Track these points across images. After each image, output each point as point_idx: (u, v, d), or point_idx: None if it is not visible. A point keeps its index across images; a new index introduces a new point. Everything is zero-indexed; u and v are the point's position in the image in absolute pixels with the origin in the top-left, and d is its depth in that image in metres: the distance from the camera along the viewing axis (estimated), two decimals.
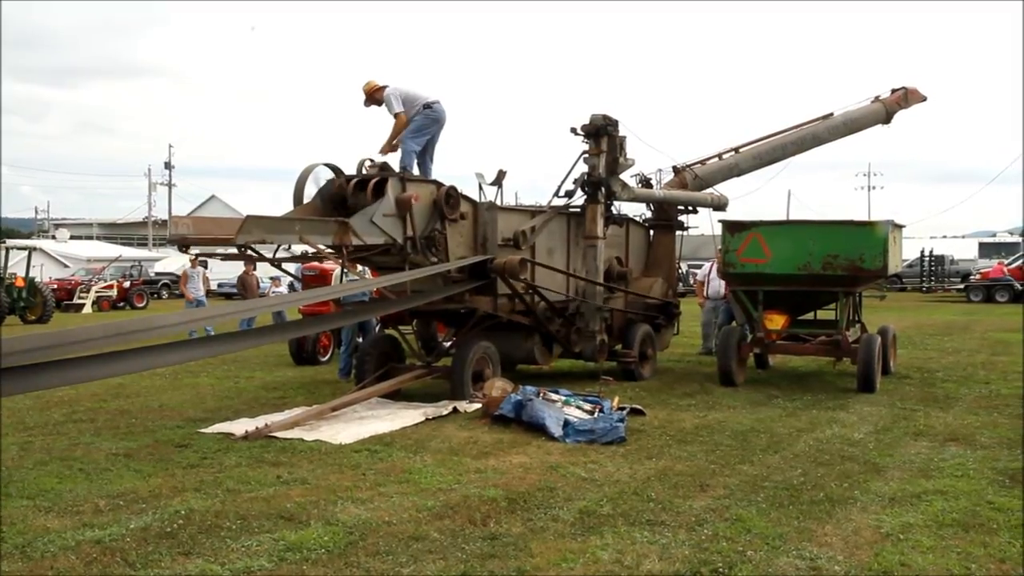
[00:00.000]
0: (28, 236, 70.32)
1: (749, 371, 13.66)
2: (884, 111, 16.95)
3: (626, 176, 13.50)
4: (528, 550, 5.62)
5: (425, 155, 11.59)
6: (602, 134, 12.86)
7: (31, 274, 30.73)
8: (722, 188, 15.87)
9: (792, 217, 41.75)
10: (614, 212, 13.64)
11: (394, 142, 11.37)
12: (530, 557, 5.50)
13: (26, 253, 32.83)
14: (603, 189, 12.94)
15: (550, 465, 7.85)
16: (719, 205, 15.67)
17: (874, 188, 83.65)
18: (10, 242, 40.15)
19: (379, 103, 11.51)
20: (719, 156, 15.77)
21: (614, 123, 13.00)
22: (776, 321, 12.98)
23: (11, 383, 6.14)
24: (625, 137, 13.19)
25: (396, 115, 11.29)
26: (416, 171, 11.34)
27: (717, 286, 16.54)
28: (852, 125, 16.64)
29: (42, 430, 9.61)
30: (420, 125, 11.32)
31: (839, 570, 5.32)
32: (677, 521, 6.24)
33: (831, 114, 16.46)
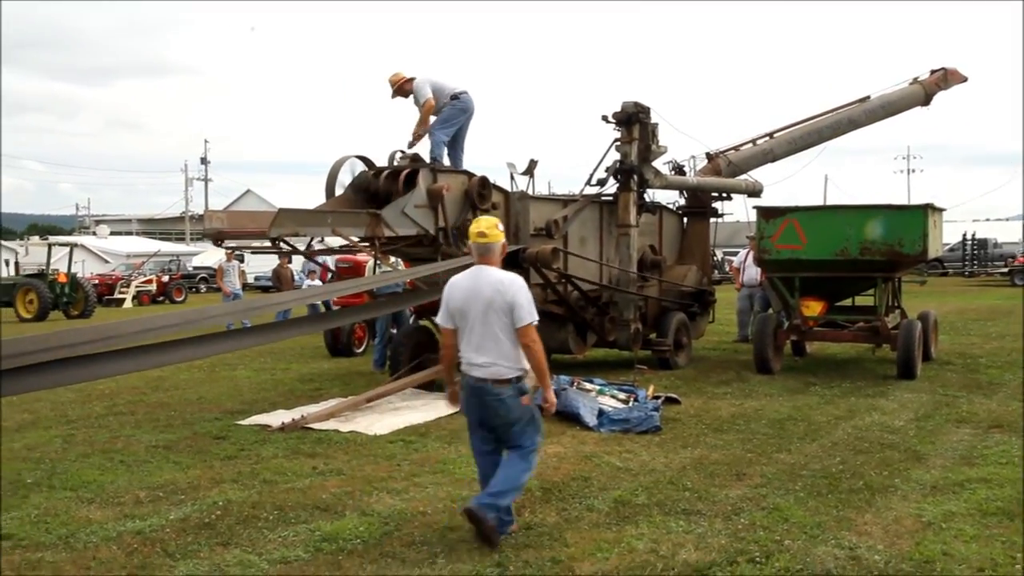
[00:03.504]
0: (70, 233, 71.40)
1: (786, 359, 13.52)
2: (923, 93, 16.67)
3: (659, 163, 13.42)
4: (563, 540, 5.61)
5: (455, 145, 11.56)
6: (634, 121, 12.78)
7: (73, 270, 31.19)
8: (757, 174, 15.72)
9: (829, 202, 41.25)
10: (647, 200, 13.54)
11: (421, 132, 11.30)
12: (565, 547, 5.49)
13: (68, 249, 33.31)
14: (635, 177, 12.86)
15: (585, 455, 7.82)
16: (754, 191, 15.52)
17: (913, 171, 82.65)
18: (52, 239, 40.87)
19: (406, 95, 11.43)
20: (753, 142, 15.62)
21: (646, 110, 12.92)
22: (813, 308, 12.83)
23: (57, 375, 6.23)
24: (657, 124, 13.11)
25: (425, 101, 11.21)
26: (447, 162, 11.32)
27: (753, 273, 16.39)
28: (890, 108, 16.39)
29: (84, 423, 9.76)
30: (448, 115, 11.29)
31: (879, 559, 5.25)
32: (713, 510, 6.19)
33: (868, 97, 16.22)
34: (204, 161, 73.81)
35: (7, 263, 33.85)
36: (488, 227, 5.66)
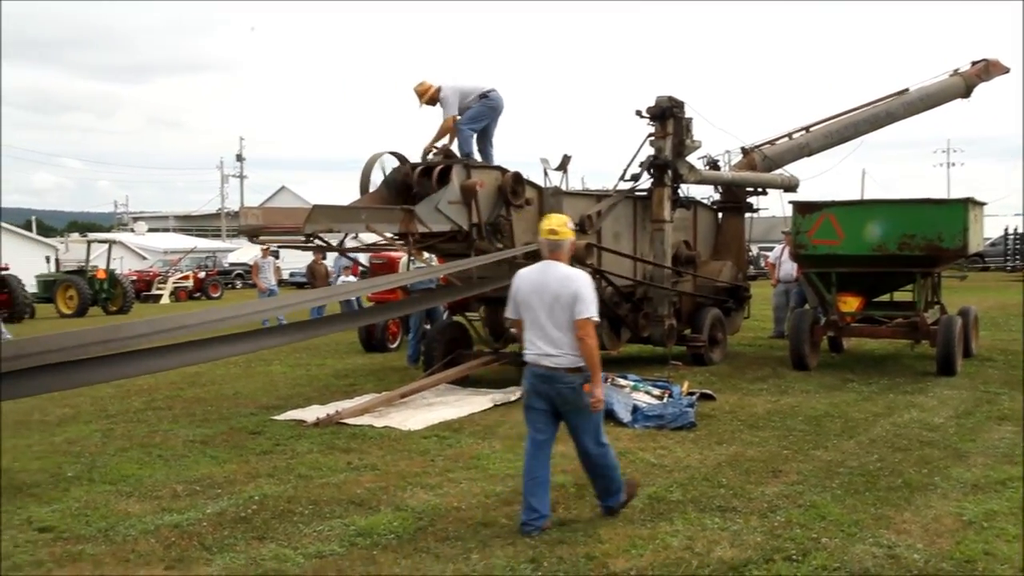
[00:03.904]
0: (108, 230, 72.37)
1: (822, 355, 13.39)
2: (963, 84, 16.40)
3: (693, 158, 13.31)
4: (597, 536, 5.60)
5: (485, 141, 11.58)
6: (668, 116, 12.69)
7: (111, 266, 31.62)
8: (793, 169, 15.56)
9: (866, 197, 40.78)
10: (681, 195, 13.46)
11: (430, 147, 11.29)
12: (599, 543, 5.47)
13: (107, 246, 33.78)
14: (670, 172, 12.78)
15: (619, 451, 7.69)
16: (789, 186, 15.37)
17: (953, 165, 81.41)
18: (92, 236, 41.48)
19: (435, 103, 11.44)
20: (789, 136, 15.45)
21: (680, 105, 12.83)
22: (850, 303, 12.69)
23: (96, 371, 6.34)
24: (691, 119, 13.01)
25: (446, 119, 11.21)
26: (477, 156, 11.34)
27: (789, 268, 16.24)
28: (929, 100, 16.15)
29: (123, 417, 9.89)
30: (476, 113, 11.29)
31: (918, 558, 5.18)
32: (749, 507, 6.15)
33: (907, 90, 16.00)
34: (239, 158, 74.45)
35: (48, 259, 34.41)
36: (559, 224, 5.93)
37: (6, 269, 28.03)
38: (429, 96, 11.33)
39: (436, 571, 5.11)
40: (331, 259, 21.02)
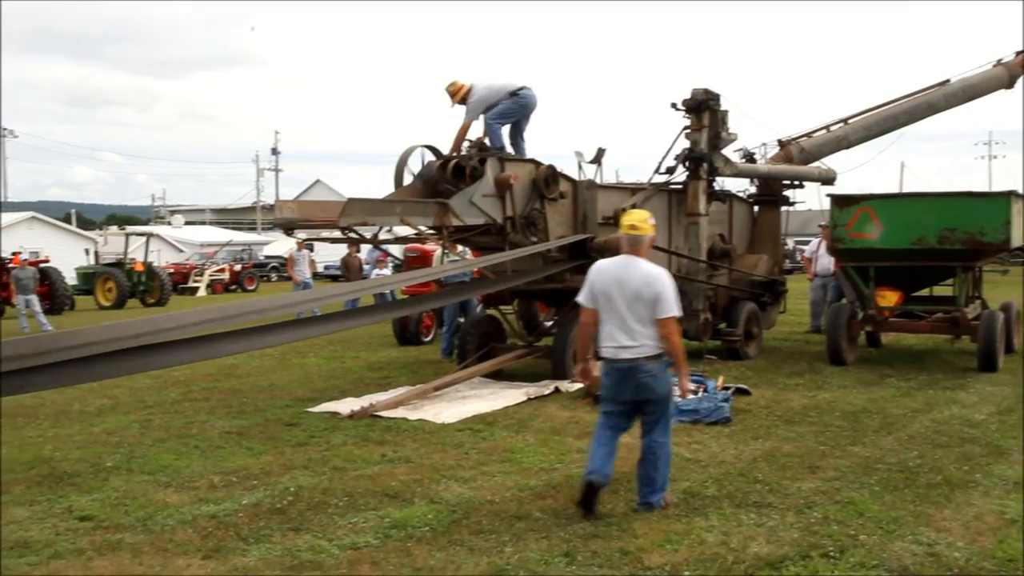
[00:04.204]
0: (146, 223, 73.25)
1: (860, 350, 13.25)
2: (1007, 75, 16.12)
3: (729, 151, 13.23)
4: (632, 531, 5.58)
5: (517, 136, 11.57)
6: (703, 109, 12.62)
7: (149, 259, 31.99)
8: (830, 161, 15.39)
9: (905, 190, 40.26)
10: (717, 188, 13.37)
11: (453, 148, 11.29)
12: (634, 538, 5.45)
13: (144, 239, 34.17)
14: (705, 165, 12.70)
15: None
16: (827, 179, 15.20)
17: (995, 158, 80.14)
18: (130, 229, 41.97)
19: (465, 102, 11.46)
20: (827, 128, 15.28)
21: (716, 97, 12.74)
22: (889, 298, 12.55)
23: (135, 362, 6.40)
24: (727, 111, 12.92)
25: (464, 123, 11.23)
26: (510, 150, 11.34)
27: (826, 262, 16.08)
28: (971, 92, 15.88)
29: (161, 408, 10.01)
30: (504, 109, 11.28)
31: (959, 557, 5.11)
32: (785, 503, 6.09)
33: (948, 81, 15.75)
34: (275, 152, 75.02)
35: (87, 252, 34.89)
36: (640, 220, 6.05)
37: (46, 261, 28.44)
38: (461, 96, 11.35)
39: (470, 564, 5.12)
40: (365, 252, 21.13)
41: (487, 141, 11.22)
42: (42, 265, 26.79)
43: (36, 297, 21.45)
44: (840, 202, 12.54)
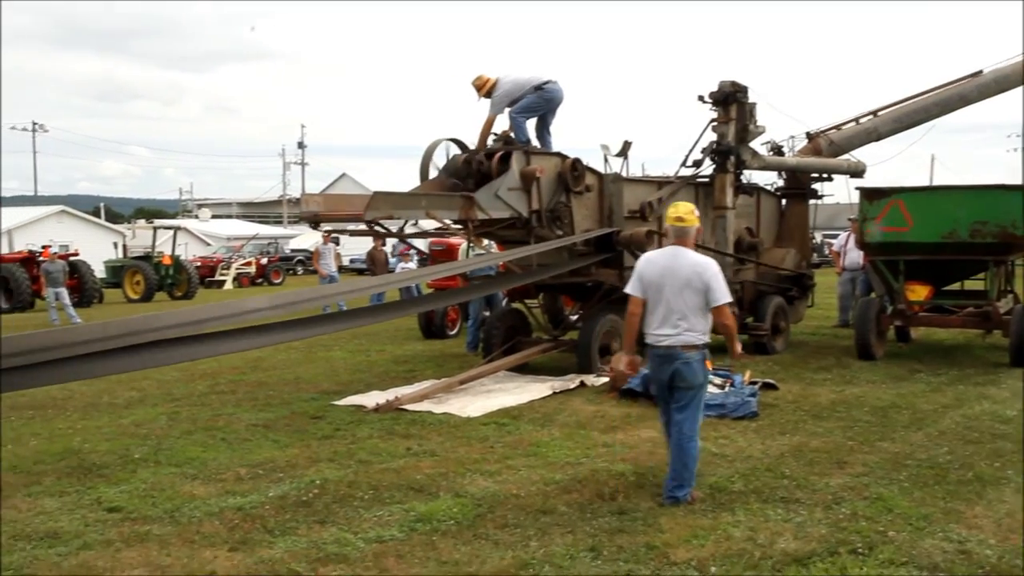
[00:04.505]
0: (173, 216, 73.87)
1: (889, 344, 13.12)
2: None
3: (756, 144, 13.13)
4: (657, 526, 5.56)
5: (543, 130, 11.55)
6: (731, 101, 12.53)
7: (176, 252, 32.25)
8: (860, 154, 15.24)
9: (936, 182, 39.81)
10: (744, 181, 13.28)
11: (479, 144, 11.27)
12: (659, 533, 5.44)
13: (172, 233, 34.45)
14: (732, 158, 12.62)
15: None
16: (856, 172, 15.06)
17: None
18: (158, 222, 42.38)
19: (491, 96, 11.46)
20: (856, 120, 15.12)
21: (743, 89, 12.65)
22: (919, 292, 12.42)
23: (160, 354, 6.45)
24: (755, 104, 12.82)
25: (488, 118, 11.23)
26: (536, 143, 11.31)
27: (855, 256, 15.93)
28: (1004, 83, 15.63)
29: (188, 401, 10.10)
30: (529, 103, 11.25)
31: (991, 554, 5.05)
32: (813, 499, 6.05)
33: (980, 71, 15.53)
34: (301, 145, 75.33)
35: (115, 245, 35.24)
36: (686, 212, 6.20)
37: (76, 255, 28.75)
38: (486, 90, 11.34)
39: (495, 558, 5.13)
40: (390, 246, 21.20)
41: (513, 135, 11.21)
42: (71, 258, 27.08)
43: (65, 290, 21.70)
44: (870, 195, 12.42)
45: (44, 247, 26.20)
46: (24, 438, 8.33)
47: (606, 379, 10.37)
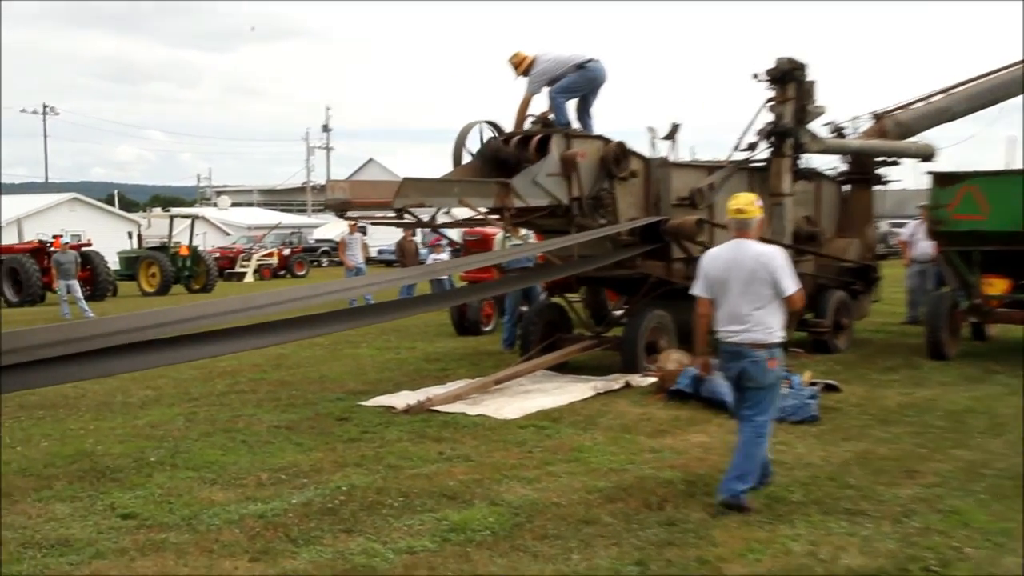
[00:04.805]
0: (191, 204, 74.66)
1: (963, 343, 12.94)
2: None
3: (816, 125, 12.99)
4: (709, 538, 5.51)
5: (584, 112, 11.50)
6: (788, 79, 12.40)
7: (194, 242, 32.55)
8: (930, 136, 15.02)
9: (1015, 166, 39.13)
10: (802, 166, 13.14)
11: (517, 125, 11.25)
12: (712, 546, 5.39)
13: (189, 222, 34.76)
14: (790, 140, 12.49)
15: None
16: (926, 155, 14.83)
17: None
18: (174, 211, 42.81)
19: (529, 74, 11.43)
20: (926, 99, 14.90)
21: (802, 67, 12.51)
22: (997, 286, 12.23)
23: (176, 352, 6.50)
24: (815, 82, 12.68)
25: (524, 97, 11.23)
26: (576, 126, 11.27)
27: (924, 247, 15.70)
28: None
29: (206, 401, 10.19)
30: (569, 83, 11.21)
31: None
32: (880, 511, 5.97)
33: None
34: (326, 129, 75.79)
35: (130, 235, 35.67)
36: (746, 203, 6.40)
37: (88, 245, 29.13)
38: (524, 67, 11.32)
39: (534, 571, 5.11)
40: (421, 236, 21.25)
41: (552, 116, 11.17)
42: (84, 249, 27.44)
43: (77, 282, 21.99)
44: (941, 180, 12.25)
45: (55, 237, 26.59)
46: (34, 439, 8.45)
47: (653, 379, 10.32)
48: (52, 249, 24.66)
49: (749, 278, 6.15)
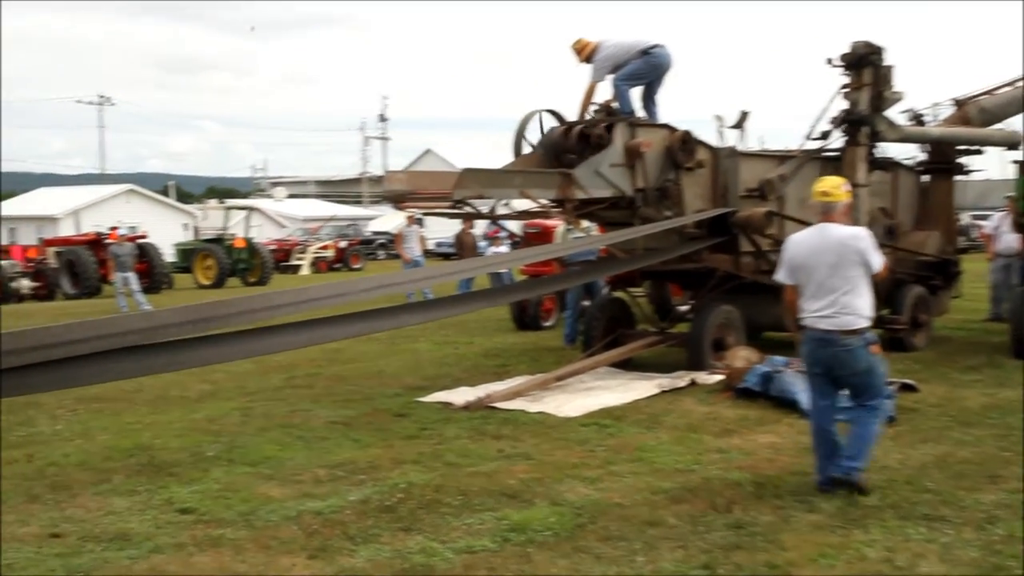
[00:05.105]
0: (246, 196, 75.70)
1: None
2: None
3: (893, 112, 12.77)
4: (779, 542, 5.47)
5: (648, 100, 11.44)
6: (864, 64, 12.20)
7: (250, 234, 33.00)
8: (1016, 123, 14.68)
9: None
10: (878, 155, 12.93)
11: (581, 113, 11.22)
12: (782, 550, 5.34)
13: (244, 214, 35.26)
14: (866, 128, 12.30)
15: (804, 446, 7.54)
16: (1011, 143, 14.49)
17: None
18: (230, 202, 43.45)
19: (591, 61, 11.40)
20: (1012, 84, 14.57)
21: (879, 51, 12.31)
22: None
23: (230, 347, 6.61)
24: (892, 67, 12.46)
25: (589, 84, 11.20)
26: (642, 115, 11.21)
27: (1010, 240, 15.36)
28: None
29: (262, 395, 10.35)
30: (634, 70, 11.15)
31: None
32: (961, 517, 5.86)
33: None
34: (382, 118, 76.38)
35: (185, 227, 36.32)
36: (832, 187, 6.59)
37: (144, 237, 29.70)
38: (587, 54, 11.29)
39: (597, 573, 5.12)
40: (480, 228, 21.31)
41: (615, 104, 11.14)
42: (140, 241, 27.98)
43: (134, 275, 22.40)
44: None
45: (112, 229, 27.14)
46: (93, 432, 8.66)
47: (720, 377, 10.24)
48: (108, 241, 25.17)
49: (836, 261, 6.24)
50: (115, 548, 5.64)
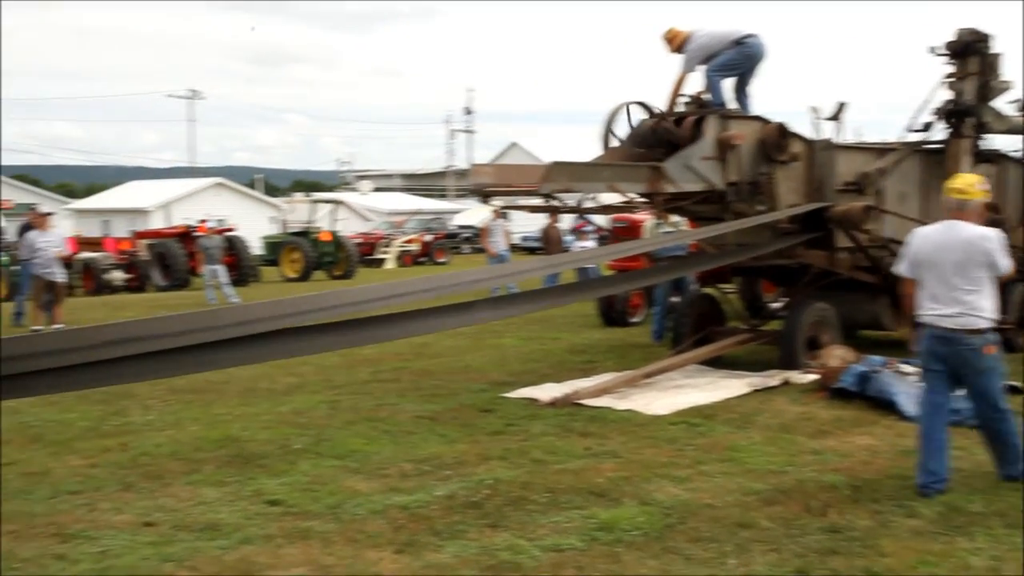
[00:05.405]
0: (331, 189, 76.83)
1: None
2: None
3: (1000, 103, 12.41)
4: (877, 548, 5.37)
5: (741, 92, 11.31)
6: (970, 53, 11.89)
7: (336, 228, 33.51)
8: None
9: None
10: (984, 147, 12.58)
11: (670, 105, 11.12)
12: (880, 556, 5.25)
13: (330, 207, 35.79)
14: (970, 120, 11.97)
15: (903, 449, 7.42)
16: None
17: None
18: (316, 196, 44.15)
19: (683, 51, 11.31)
20: None
21: (985, 38, 11.98)
22: None
23: (318, 340, 6.74)
24: (1000, 55, 12.12)
25: (679, 75, 11.12)
26: (733, 107, 11.09)
27: None
28: None
29: (349, 389, 10.51)
30: (727, 60, 11.02)
31: None
32: None
33: None
34: (468, 112, 76.79)
35: (272, 220, 37.01)
36: (967, 184, 6.59)
37: (232, 230, 30.32)
38: (678, 44, 11.20)
39: (687, 575, 5.08)
40: (567, 223, 21.28)
41: (707, 96, 11.03)
42: (228, 234, 28.59)
43: (223, 267, 22.91)
44: None
45: (201, 221, 27.79)
46: (184, 423, 8.89)
47: (814, 376, 10.08)
48: (198, 234, 25.79)
49: (964, 260, 6.27)
50: (206, 538, 5.78)
